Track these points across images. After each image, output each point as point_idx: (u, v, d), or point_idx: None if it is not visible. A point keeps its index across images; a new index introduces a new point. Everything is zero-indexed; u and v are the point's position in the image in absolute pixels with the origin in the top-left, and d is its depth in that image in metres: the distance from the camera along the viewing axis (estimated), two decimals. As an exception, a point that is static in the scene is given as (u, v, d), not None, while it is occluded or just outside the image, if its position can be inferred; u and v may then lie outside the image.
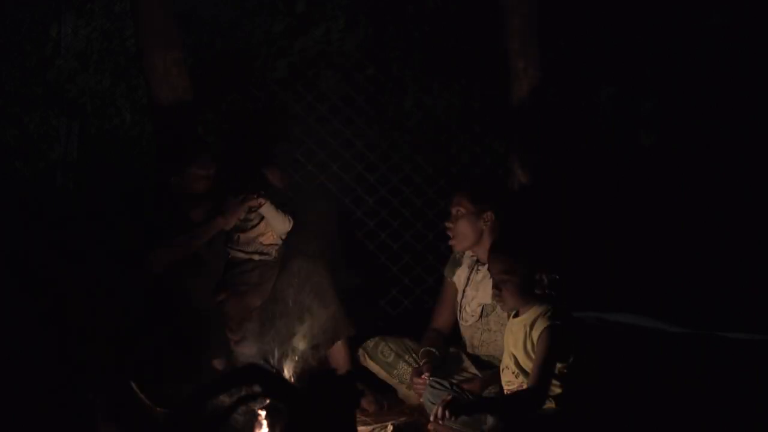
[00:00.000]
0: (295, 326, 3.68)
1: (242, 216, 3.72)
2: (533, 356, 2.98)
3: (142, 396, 3.00)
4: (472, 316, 3.61)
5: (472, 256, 3.66)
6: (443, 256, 3.93)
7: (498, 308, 3.49)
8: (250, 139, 4.55)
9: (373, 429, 3.39)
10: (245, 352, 3.63)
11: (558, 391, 2.97)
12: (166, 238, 3.51)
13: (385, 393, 3.70)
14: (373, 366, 3.73)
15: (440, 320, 3.77)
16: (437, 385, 3.25)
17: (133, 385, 3.01)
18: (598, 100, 4.78)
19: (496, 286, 3.08)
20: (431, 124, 4.71)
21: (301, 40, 4.75)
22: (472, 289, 3.63)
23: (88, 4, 4.87)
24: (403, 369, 3.63)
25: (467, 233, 3.54)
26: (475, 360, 3.56)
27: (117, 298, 3.39)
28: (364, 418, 3.48)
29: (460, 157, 4.70)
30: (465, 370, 3.52)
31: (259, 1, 4.74)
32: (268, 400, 2.68)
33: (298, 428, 2.52)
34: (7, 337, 3.17)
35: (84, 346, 3.17)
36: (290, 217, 3.79)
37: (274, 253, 3.81)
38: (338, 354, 3.74)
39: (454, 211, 3.56)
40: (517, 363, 3.04)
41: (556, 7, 4.55)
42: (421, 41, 4.68)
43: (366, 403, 3.58)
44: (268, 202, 3.72)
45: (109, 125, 4.90)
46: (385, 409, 3.64)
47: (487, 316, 3.56)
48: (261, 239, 3.78)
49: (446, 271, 3.79)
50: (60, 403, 2.94)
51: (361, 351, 3.78)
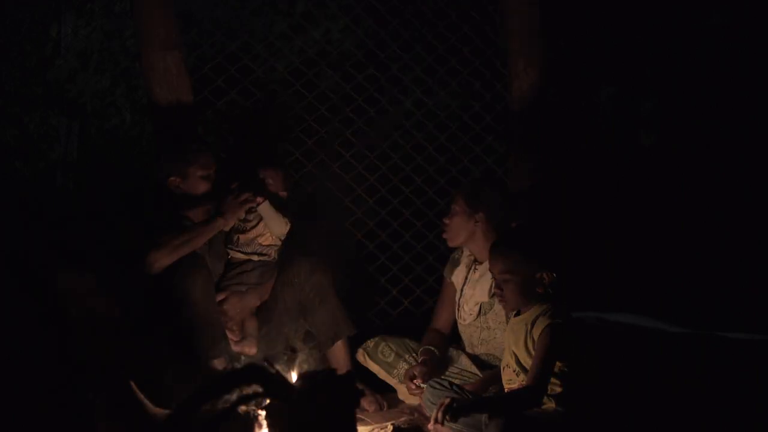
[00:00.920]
0: (296, 326, 3.69)
1: (242, 216, 3.72)
2: (533, 354, 2.99)
3: (142, 396, 3.00)
4: (470, 314, 3.61)
5: (470, 256, 3.67)
6: (443, 256, 3.93)
7: (496, 306, 3.49)
8: (250, 139, 4.55)
9: (373, 429, 3.39)
10: (245, 352, 3.63)
11: (558, 390, 2.97)
12: (165, 238, 3.51)
13: (385, 393, 3.71)
14: (373, 366, 3.73)
15: (440, 320, 3.77)
16: (437, 385, 3.25)
17: (133, 385, 3.01)
18: (598, 100, 4.78)
19: (498, 286, 3.10)
20: (431, 124, 4.70)
21: (301, 40, 4.74)
22: (470, 288, 3.63)
23: (88, 4, 4.87)
24: (403, 369, 3.63)
25: (458, 231, 3.58)
26: (475, 359, 3.57)
27: (117, 298, 3.39)
28: (364, 418, 3.48)
29: (460, 157, 4.70)
30: (465, 370, 3.53)
31: (259, 1, 4.74)
32: (268, 400, 2.68)
33: (298, 428, 2.52)
34: (7, 337, 3.16)
35: (84, 346, 3.17)
36: (288, 220, 3.78)
37: (273, 254, 3.81)
38: (338, 354, 3.74)
39: (451, 208, 3.60)
40: (517, 361, 3.04)
41: (556, 7, 4.56)
42: (421, 41, 4.68)
43: (366, 403, 3.58)
44: (267, 203, 3.72)
45: (109, 125, 4.90)
46: (385, 409, 3.64)
47: (485, 315, 3.57)
48: (260, 240, 3.78)
49: (446, 271, 3.79)
50: (60, 403, 2.94)
51: (361, 351, 3.78)
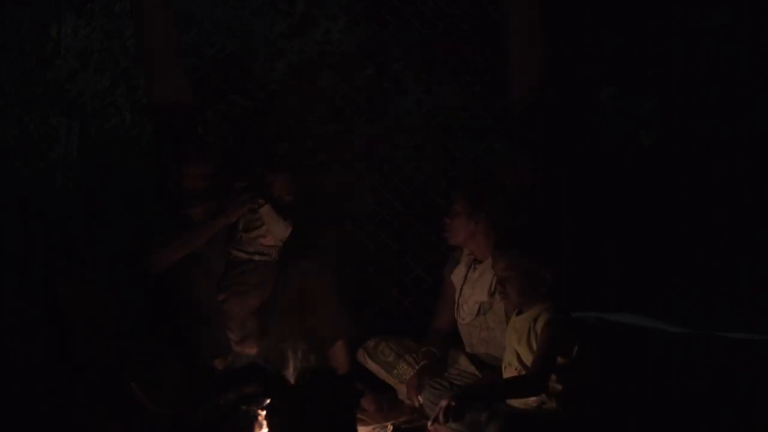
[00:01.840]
0: (296, 326, 3.68)
1: (243, 215, 3.72)
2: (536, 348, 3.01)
3: (142, 396, 3.00)
4: (470, 314, 3.61)
5: (469, 255, 3.67)
6: (443, 256, 3.93)
7: (495, 306, 3.50)
8: (250, 139, 4.55)
9: (373, 429, 3.39)
10: (245, 352, 3.63)
11: (558, 390, 2.97)
12: (166, 238, 3.51)
13: (385, 393, 3.70)
14: (373, 366, 3.73)
15: (441, 320, 3.77)
16: (437, 386, 3.26)
17: (133, 385, 3.01)
18: (598, 100, 4.78)
19: (501, 284, 3.12)
20: (431, 124, 4.70)
21: (301, 40, 4.74)
22: (469, 288, 3.63)
23: (88, 4, 4.87)
24: (403, 369, 3.63)
25: (459, 231, 3.59)
26: (475, 359, 3.56)
27: (117, 298, 3.39)
28: (364, 418, 3.48)
29: (460, 157, 4.70)
30: (465, 370, 3.52)
31: (259, 1, 4.73)
32: (268, 400, 2.69)
33: (298, 428, 2.53)
34: (7, 337, 3.16)
35: (84, 346, 3.17)
36: (289, 224, 3.78)
37: (274, 254, 3.81)
38: (338, 354, 3.74)
39: (453, 208, 3.60)
40: (519, 359, 3.05)
41: (556, 7, 4.55)
42: (421, 41, 4.68)
43: (366, 403, 3.58)
44: (268, 205, 3.72)
45: (109, 125, 4.90)
46: (385, 409, 3.64)
47: (484, 314, 3.56)
48: (262, 240, 3.78)
49: (445, 271, 3.79)
50: (60, 403, 2.94)
51: (361, 351, 3.78)
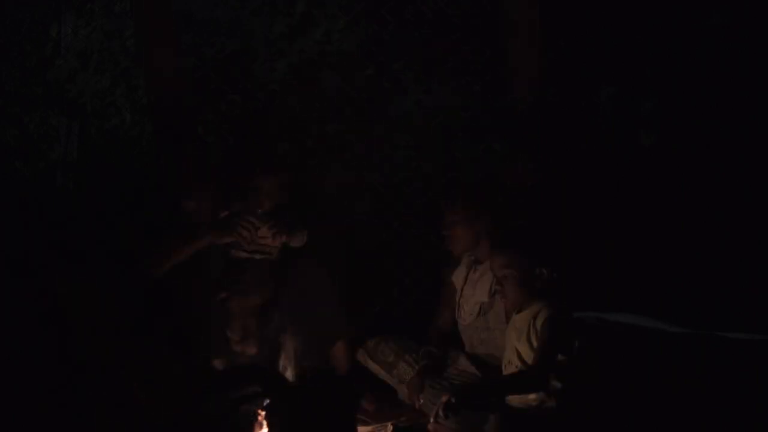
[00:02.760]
0: (296, 326, 3.68)
1: (229, 240, 3.68)
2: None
3: (142, 396, 3.00)
4: (470, 314, 3.61)
5: (470, 256, 3.67)
6: (443, 256, 3.93)
7: (496, 306, 3.50)
8: (250, 139, 4.55)
9: (373, 429, 3.39)
10: (245, 352, 3.63)
11: (558, 387, 2.98)
12: (155, 249, 3.50)
13: (385, 393, 3.71)
14: (373, 366, 3.73)
15: (441, 320, 3.77)
16: (437, 386, 3.26)
17: (134, 385, 3.01)
18: (598, 100, 4.77)
19: (499, 282, 3.13)
20: (431, 124, 4.70)
21: (301, 41, 4.74)
22: (470, 288, 3.63)
23: (88, 4, 4.87)
24: (403, 369, 3.63)
25: (462, 239, 3.57)
26: (475, 360, 3.57)
27: (117, 298, 3.39)
28: (364, 418, 3.48)
29: (460, 156, 4.70)
30: (465, 370, 3.53)
31: (259, 1, 4.73)
32: (268, 400, 2.69)
33: (298, 428, 2.52)
34: (7, 337, 3.16)
35: (84, 346, 3.17)
36: (303, 230, 3.77)
37: (275, 253, 3.81)
38: (338, 354, 3.74)
39: (449, 220, 3.57)
40: (520, 357, 3.05)
41: (555, 7, 4.55)
42: (421, 41, 4.68)
43: (366, 403, 3.58)
44: (287, 235, 3.71)
45: (109, 125, 4.89)
46: (385, 409, 3.64)
47: (485, 315, 3.57)
48: (263, 240, 3.78)
49: (446, 272, 3.79)
50: (60, 403, 2.94)
51: (361, 351, 3.78)
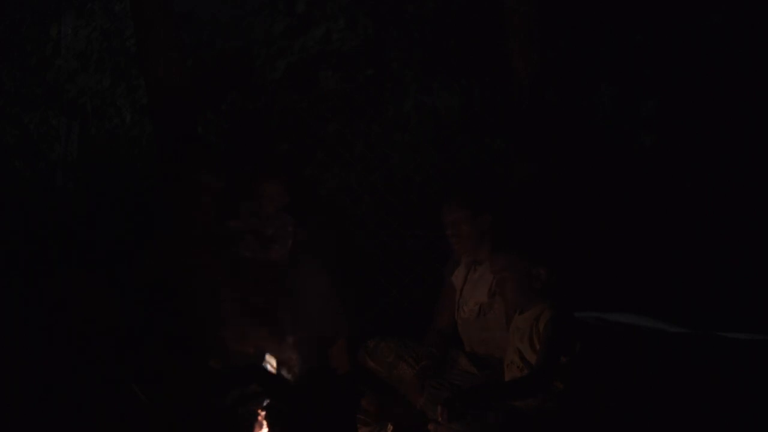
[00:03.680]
0: (296, 326, 3.68)
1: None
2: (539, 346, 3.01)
3: (142, 396, 3.00)
4: (470, 315, 3.61)
5: (469, 256, 3.67)
6: (443, 256, 3.94)
7: (495, 307, 3.49)
8: (250, 139, 4.55)
9: (373, 429, 3.39)
10: (245, 352, 3.63)
11: (559, 389, 2.98)
12: (159, 246, 3.49)
13: (385, 393, 3.70)
14: (373, 366, 3.73)
15: (441, 320, 3.77)
16: (437, 386, 3.26)
17: (133, 385, 3.01)
18: (598, 100, 4.78)
19: (500, 285, 3.12)
20: (431, 124, 4.71)
21: (301, 40, 4.74)
22: (470, 288, 3.63)
23: (88, 4, 4.88)
24: (403, 369, 3.63)
25: (470, 237, 3.55)
26: (475, 360, 3.56)
27: (117, 298, 3.39)
28: (364, 418, 3.48)
29: (460, 157, 4.70)
30: (465, 370, 3.52)
31: (259, 1, 4.74)
32: (268, 400, 2.69)
33: (298, 428, 2.52)
34: (8, 337, 3.17)
35: (84, 346, 3.17)
36: (303, 231, 3.78)
37: (278, 254, 3.81)
38: (338, 354, 3.74)
39: (452, 219, 3.56)
40: (522, 357, 3.05)
41: (556, 7, 4.56)
42: (421, 41, 4.68)
43: (366, 403, 3.58)
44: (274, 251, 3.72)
45: (109, 125, 4.90)
46: (385, 409, 3.64)
47: (485, 315, 3.56)
48: (266, 240, 3.78)
49: (445, 272, 3.79)
50: (60, 403, 2.94)
51: (361, 351, 3.78)
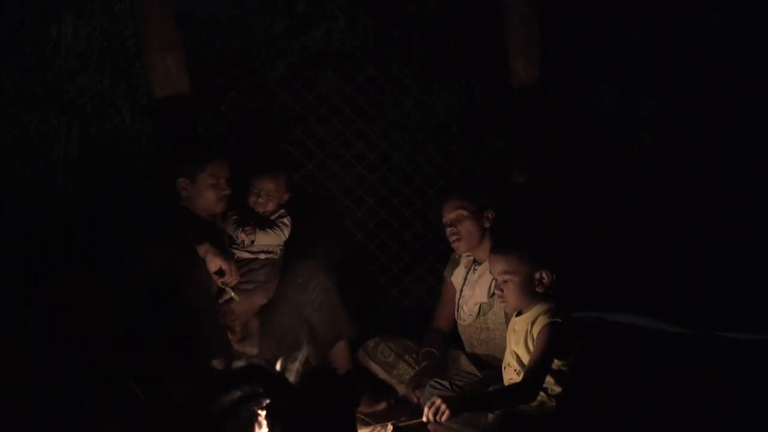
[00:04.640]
0: (297, 326, 3.68)
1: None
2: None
3: (143, 396, 3.00)
4: (470, 315, 3.61)
5: (469, 256, 3.66)
6: (443, 256, 3.94)
7: (495, 307, 3.50)
8: (250, 139, 4.55)
9: (373, 429, 3.39)
10: (246, 352, 3.63)
11: (558, 390, 2.97)
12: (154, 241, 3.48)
13: (385, 393, 3.70)
14: (373, 366, 3.73)
15: (441, 320, 3.77)
16: (437, 386, 3.26)
17: (133, 385, 3.01)
18: (598, 100, 4.78)
19: (499, 286, 3.10)
20: (431, 124, 4.71)
21: (301, 40, 4.74)
22: (469, 289, 3.63)
23: (88, 4, 4.87)
24: (403, 369, 3.63)
25: (473, 233, 3.55)
26: (475, 359, 3.57)
27: (117, 298, 3.39)
28: (364, 418, 3.48)
29: (460, 156, 4.70)
30: (465, 370, 3.53)
31: (259, 1, 4.73)
32: (268, 400, 2.68)
33: (298, 428, 2.52)
34: (8, 337, 3.17)
35: (84, 346, 3.17)
36: (282, 228, 3.78)
37: (279, 252, 3.82)
38: (339, 354, 3.74)
39: (454, 215, 3.55)
40: (519, 360, 3.05)
41: (556, 7, 4.56)
42: (421, 41, 4.68)
43: (366, 403, 3.58)
44: (256, 234, 3.71)
45: (109, 125, 4.89)
46: (385, 409, 3.64)
47: (484, 315, 3.56)
48: (264, 240, 3.78)
49: (446, 272, 3.79)
50: (60, 403, 2.94)
51: (361, 351, 3.78)
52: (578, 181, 4.56)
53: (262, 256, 3.77)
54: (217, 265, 3.49)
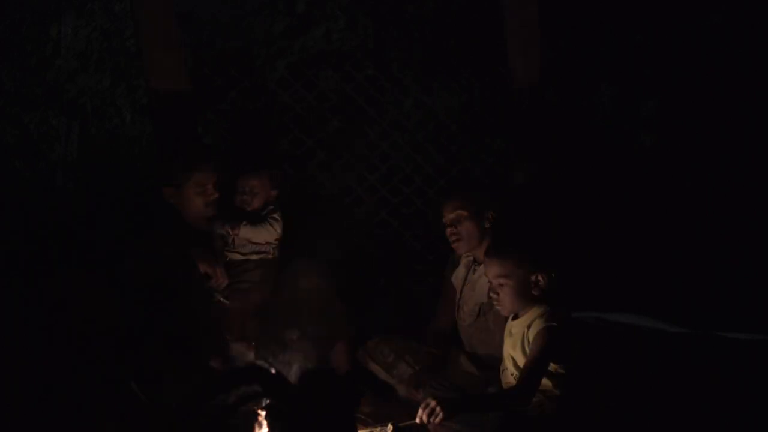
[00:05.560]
0: (297, 326, 3.69)
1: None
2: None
3: (142, 396, 3.00)
4: (470, 315, 3.61)
5: (469, 256, 3.66)
6: (443, 256, 3.93)
7: (495, 307, 3.49)
8: (250, 139, 4.55)
9: (373, 429, 3.39)
10: (245, 352, 3.63)
11: (557, 393, 2.97)
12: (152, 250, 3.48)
13: (385, 393, 3.70)
14: (373, 366, 3.73)
15: (441, 320, 3.77)
16: (437, 386, 3.26)
17: (133, 385, 3.01)
18: (598, 100, 4.78)
19: (494, 290, 3.09)
20: (431, 124, 4.70)
21: (301, 40, 4.74)
22: (469, 289, 3.63)
23: (88, 4, 4.87)
24: (404, 369, 3.63)
25: (473, 233, 3.55)
26: (475, 360, 3.57)
27: (117, 298, 3.39)
28: (364, 418, 3.48)
29: (460, 156, 4.70)
30: (465, 370, 3.53)
31: (259, 1, 4.73)
32: (268, 400, 2.68)
33: (298, 428, 2.52)
34: (8, 337, 3.16)
35: (84, 346, 3.17)
36: (273, 224, 3.77)
37: (272, 251, 3.81)
38: (339, 354, 3.74)
39: (454, 216, 3.55)
40: (515, 365, 3.04)
41: (556, 7, 4.56)
42: (421, 41, 4.68)
43: (366, 404, 3.58)
44: (242, 229, 3.71)
45: (109, 125, 4.89)
46: (386, 409, 3.64)
47: (484, 315, 3.56)
48: (252, 240, 3.78)
49: (445, 272, 3.79)
50: (60, 403, 2.94)
51: (361, 351, 3.78)
52: (578, 182, 4.56)
53: (254, 257, 3.77)
54: (203, 269, 3.50)
